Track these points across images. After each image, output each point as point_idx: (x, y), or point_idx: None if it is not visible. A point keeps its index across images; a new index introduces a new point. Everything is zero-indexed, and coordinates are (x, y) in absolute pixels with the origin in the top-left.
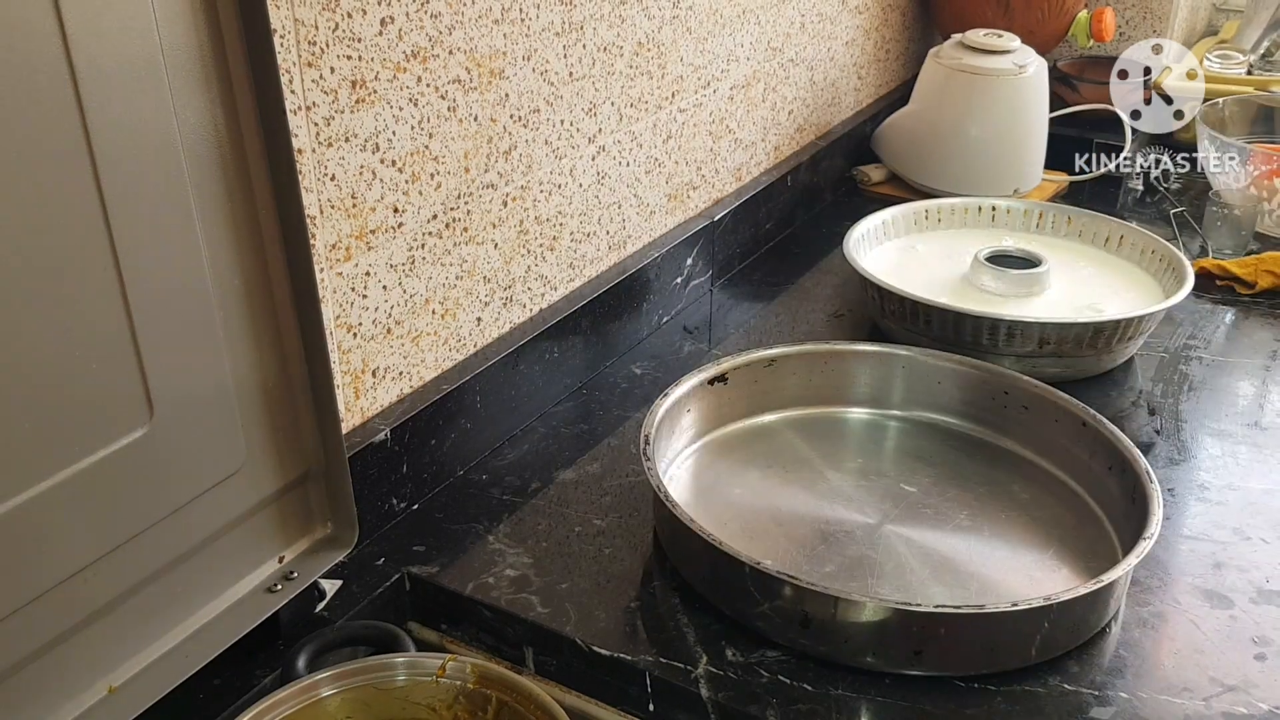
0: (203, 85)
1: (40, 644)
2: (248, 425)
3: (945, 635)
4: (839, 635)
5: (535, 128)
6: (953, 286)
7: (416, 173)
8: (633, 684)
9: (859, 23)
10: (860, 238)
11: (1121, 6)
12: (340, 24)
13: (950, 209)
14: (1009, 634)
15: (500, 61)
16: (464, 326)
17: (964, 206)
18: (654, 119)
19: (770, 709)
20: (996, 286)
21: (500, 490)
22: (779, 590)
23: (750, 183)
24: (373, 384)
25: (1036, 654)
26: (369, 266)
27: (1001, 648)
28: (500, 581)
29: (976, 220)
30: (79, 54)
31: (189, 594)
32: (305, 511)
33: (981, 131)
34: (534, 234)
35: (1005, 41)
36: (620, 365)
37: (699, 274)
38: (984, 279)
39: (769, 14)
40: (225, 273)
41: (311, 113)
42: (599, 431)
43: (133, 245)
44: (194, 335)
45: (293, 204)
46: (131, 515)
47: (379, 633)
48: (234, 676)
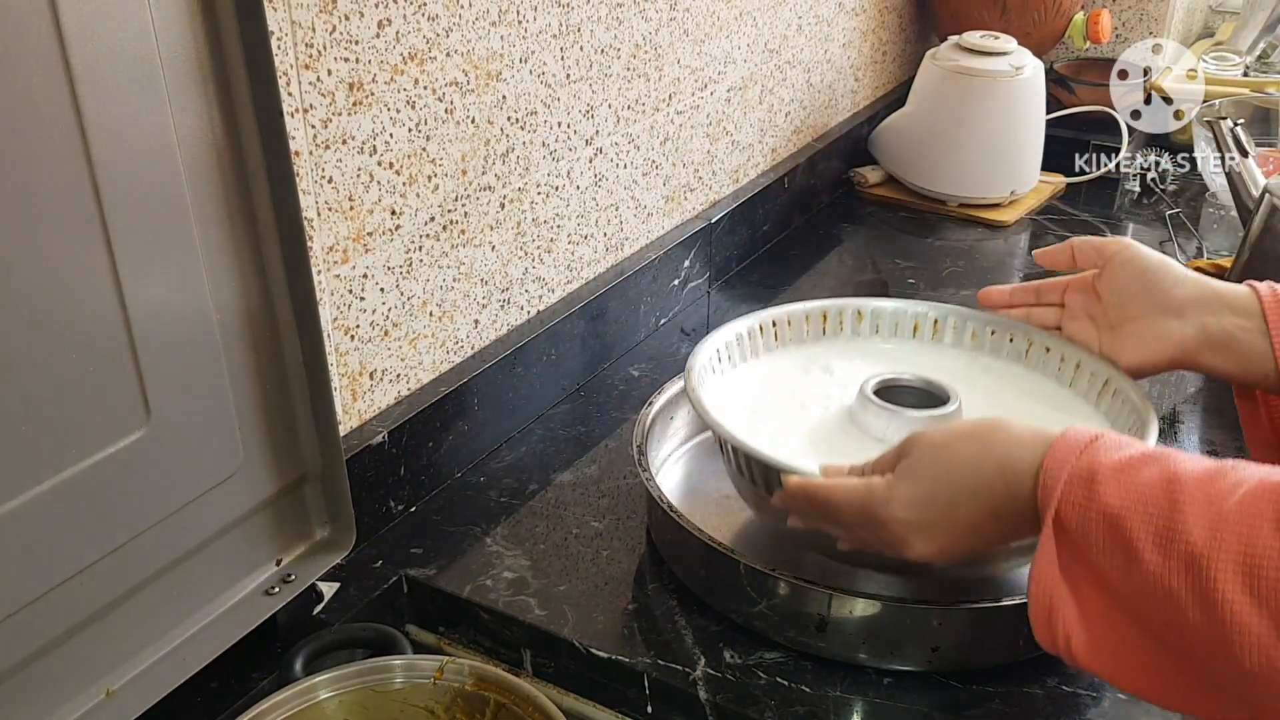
0: (200, 88)
1: (37, 647)
2: (245, 428)
3: (940, 629)
4: (837, 632)
5: (533, 130)
6: (831, 432)
7: (414, 175)
8: (631, 686)
9: (856, 25)
10: (725, 347)
11: (1118, 8)
12: (337, 26)
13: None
14: (1005, 629)
15: (497, 64)
16: (461, 329)
17: (855, 310)
18: (651, 121)
19: (768, 710)
20: (886, 431)
21: (498, 492)
22: (774, 588)
23: (747, 185)
24: (370, 386)
25: (1025, 647)
26: (366, 269)
27: (996, 642)
28: (498, 584)
29: (883, 330)
30: (76, 56)
31: (186, 597)
32: (303, 514)
33: (978, 133)
34: (531, 236)
35: (1002, 43)
36: (618, 367)
37: (696, 276)
38: (871, 421)
39: (766, 16)
40: (222, 275)
41: (309, 115)
42: (596, 434)
43: (129, 248)
44: (191, 338)
45: (290, 206)
46: (128, 518)
47: (377, 635)
48: (231, 679)
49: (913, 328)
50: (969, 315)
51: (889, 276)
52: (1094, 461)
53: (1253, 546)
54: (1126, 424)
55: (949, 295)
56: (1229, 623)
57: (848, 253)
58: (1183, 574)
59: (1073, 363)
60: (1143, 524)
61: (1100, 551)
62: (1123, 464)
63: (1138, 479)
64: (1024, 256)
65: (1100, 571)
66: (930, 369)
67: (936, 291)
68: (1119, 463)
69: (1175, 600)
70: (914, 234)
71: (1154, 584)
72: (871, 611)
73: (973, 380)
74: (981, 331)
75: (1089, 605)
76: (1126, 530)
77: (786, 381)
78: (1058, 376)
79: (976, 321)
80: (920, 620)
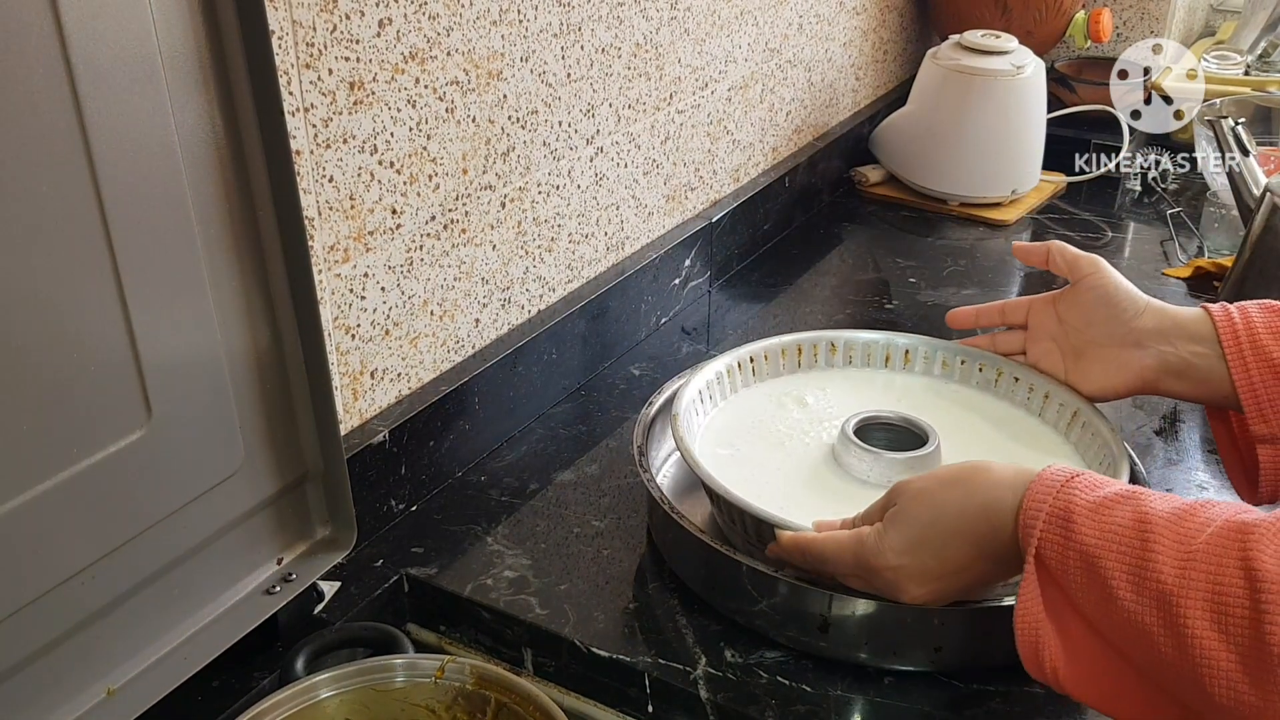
0: (201, 87)
1: (38, 647)
2: (246, 427)
3: (939, 628)
4: (840, 631)
5: (533, 129)
6: (813, 472)
7: (415, 174)
8: (632, 685)
9: (857, 24)
10: (707, 386)
11: (1119, 7)
12: (338, 25)
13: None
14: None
15: (498, 63)
16: (462, 328)
17: (829, 342)
18: (652, 120)
19: (769, 710)
20: (869, 473)
21: (499, 492)
22: (775, 588)
23: (748, 184)
24: (371, 385)
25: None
26: (367, 268)
27: (998, 642)
28: (499, 583)
29: (870, 360)
30: (77, 55)
31: (187, 596)
32: (304, 513)
33: (979, 132)
34: (532, 235)
35: (1003, 42)
36: (619, 366)
37: (697, 275)
38: (853, 463)
39: (767, 15)
40: (223, 274)
41: (309, 114)
42: (597, 433)
43: (130, 247)
44: (192, 337)
45: (291, 206)
46: (129, 517)
47: (378, 634)
48: (232, 678)
49: (884, 358)
50: (939, 345)
51: (890, 276)
52: (1070, 502)
53: (1220, 584)
54: (1097, 456)
55: (950, 294)
56: (1199, 659)
57: (848, 252)
58: (1155, 611)
59: (1041, 393)
60: (1117, 562)
61: (1079, 588)
62: (1097, 504)
63: (1111, 519)
64: None
65: (1080, 607)
66: (903, 398)
67: (938, 291)
68: (1094, 503)
69: (1149, 636)
70: (915, 233)
71: (1129, 621)
72: (872, 611)
73: (945, 410)
74: (951, 361)
75: (1073, 638)
76: (1102, 569)
77: (764, 417)
78: (1027, 406)
79: (946, 352)
80: (921, 620)
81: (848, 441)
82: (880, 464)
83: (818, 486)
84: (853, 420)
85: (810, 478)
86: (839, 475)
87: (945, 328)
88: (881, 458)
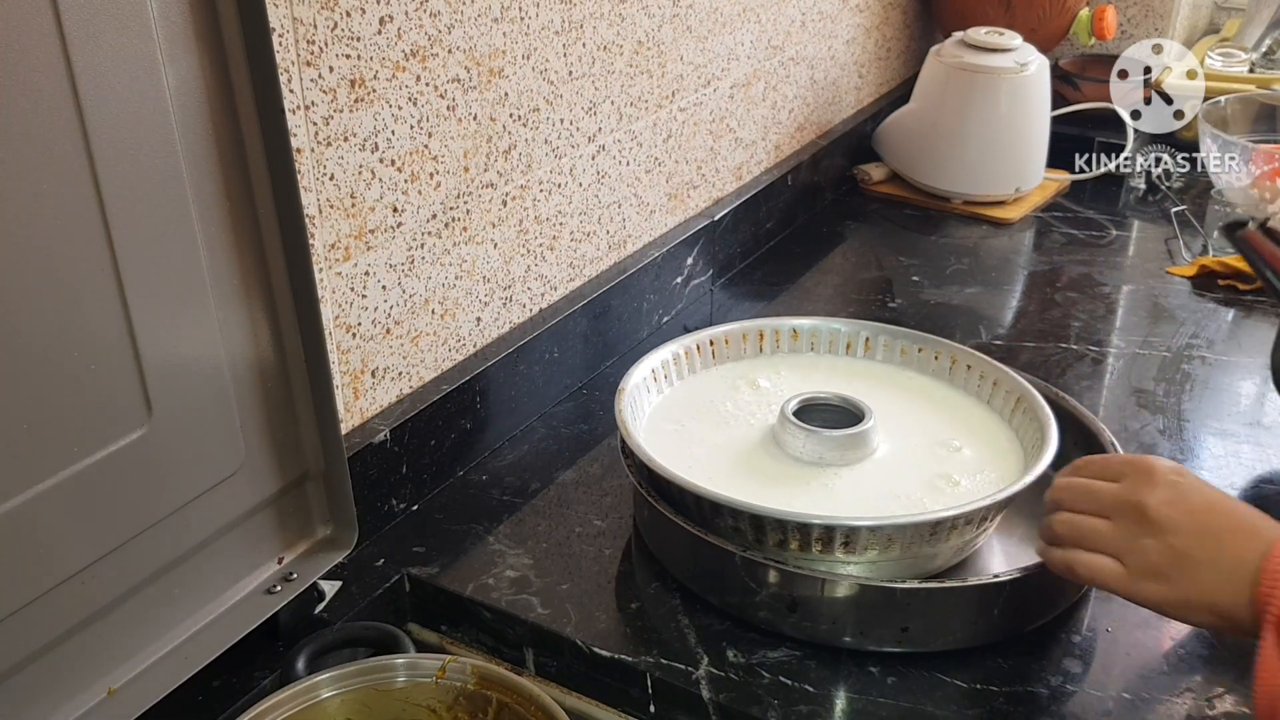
0: (201, 85)
1: (39, 646)
2: (246, 426)
3: (906, 607)
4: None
5: (535, 127)
6: (749, 450)
7: (416, 172)
8: (633, 685)
9: (860, 21)
10: (651, 373)
11: (1123, 4)
12: (339, 23)
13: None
14: (993, 607)
15: (499, 60)
16: (463, 326)
17: (791, 329)
18: (654, 118)
19: (771, 710)
20: (803, 450)
21: (500, 491)
22: (765, 576)
23: (751, 182)
24: (372, 384)
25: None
26: (368, 266)
27: (984, 620)
28: (500, 583)
29: (800, 345)
30: (77, 54)
31: (188, 595)
32: (304, 512)
33: (983, 130)
34: (534, 233)
35: (1007, 40)
36: (621, 365)
37: (699, 273)
38: (789, 440)
39: (769, 12)
40: (224, 273)
41: (310, 112)
42: (599, 432)
43: (131, 245)
44: (192, 335)
45: (291, 204)
46: (130, 516)
47: (379, 634)
48: (233, 678)
49: (846, 345)
50: (899, 334)
51: (893, 274)
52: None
53: None
54: (1032, 439)
55: (953, 292)
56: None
57: (851, 250)
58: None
59: (990, 381)
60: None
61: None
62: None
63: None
64: (1028, 254)
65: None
66: (855, 383)
67: (941, 289)
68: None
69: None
70: (918, 231)
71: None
72: (840, 594)
73: (892, 395)
74: (909, 349)
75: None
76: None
77: (715, 398)
78: (977, 393)
79: (906, 340)
80: (887, 599)
81: (785, 420)
82: (813, 440)
83: (751, 464)
84: (793, 401)
85: (746, 455)
86: (774, 455)
87: (944, 325)
88: (815, 435)
